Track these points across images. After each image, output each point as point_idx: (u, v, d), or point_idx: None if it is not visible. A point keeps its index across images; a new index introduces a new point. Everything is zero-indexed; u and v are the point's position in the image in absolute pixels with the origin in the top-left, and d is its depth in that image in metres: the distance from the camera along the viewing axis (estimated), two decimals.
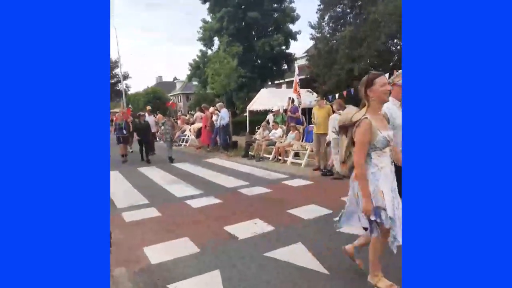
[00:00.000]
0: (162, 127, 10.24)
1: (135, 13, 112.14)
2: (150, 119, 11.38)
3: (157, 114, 16.05)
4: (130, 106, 18.80)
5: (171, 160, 9.30)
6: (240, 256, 3.18)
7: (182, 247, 3.45)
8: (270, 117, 11.02)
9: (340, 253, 2.97)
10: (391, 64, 14.74)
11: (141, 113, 11.05)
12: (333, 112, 6.63)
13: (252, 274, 2.85)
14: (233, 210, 4.66)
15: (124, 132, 9.94)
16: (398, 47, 15.24)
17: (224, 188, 6.04)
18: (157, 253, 3.31)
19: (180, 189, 6.06)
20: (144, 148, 9.69)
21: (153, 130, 11.38)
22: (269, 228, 3.88)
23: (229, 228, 3.91)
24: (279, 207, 4.70)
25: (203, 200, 5.20)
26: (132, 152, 11.24)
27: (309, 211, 4.41)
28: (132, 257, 3.26)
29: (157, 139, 12.92)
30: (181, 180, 6.81)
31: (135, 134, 10.02)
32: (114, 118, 12.65)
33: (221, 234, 3.78)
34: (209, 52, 22.00)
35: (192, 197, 5.43)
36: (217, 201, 5.15)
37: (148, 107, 13.89)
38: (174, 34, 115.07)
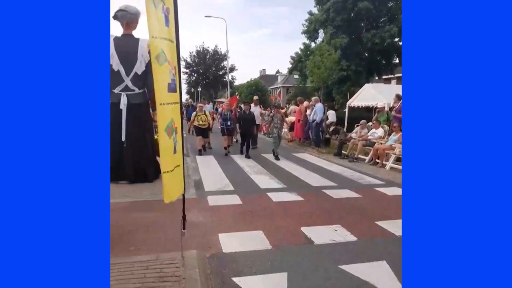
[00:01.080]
0: (270, 119, 8.89)
1: (244, 9, 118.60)
2: (256, 110, 10.30)
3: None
4: (237, 93, 18.37)
5: (277, 157, 8.20)
6: (313, 263, 2.90)
7: (255, 240, 3.36)
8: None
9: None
10: None
11: (246, 103, 9.52)
12: None
13: (320, 286, 2.54)
14: (314, 211, 4.35)
15: (229, 123, 9.09)
16: None
17: (308, 186, 5.74)
18: (231, 242, 3.31)
19: (264, 180, 6.04)
20: (246, 142, 8.63)
21: (257, 122, 10.04)
22: (351, 238, 3.45)
23: (306, 230, 3.64)
24: (367, 216, 4.16)
25: (284, 195, 5.04)
26: (236, 142, 10.58)
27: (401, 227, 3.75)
28: (206, 242, 3.33)
29: (263, 132, 12.64)
30: (267, 171, 6.81)
31: (237, 125, 8.90)
32: (220, 108, 13.25)
33: (297, 234, 3.54)
34: (313, 45, 21.50)
35: (274, 190, 5.33)
36: (298, 198, 4.91)
37: (256, 97, 12.78)
38: (280, 28, 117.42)
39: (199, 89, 46.87)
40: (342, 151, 8.90)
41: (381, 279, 2.62)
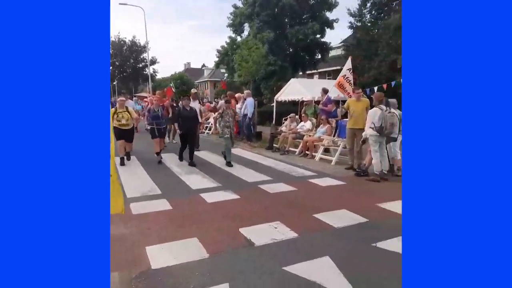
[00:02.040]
0: (219, 117, 6.98)
1: None
2: (196, 105, 8.24)
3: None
4: (171, 85, 14.28)
5: (229, 163, 6.70)
6: (255, 268, 2.64)
7: (190, 249, 2.97)
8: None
9: (377, 276, 2.35)
10: None
11: (185, 97, 7.48)
12: (372, 106, 5.86)
13: None
14: (252, 209, 4.12)
15: (162, 122, 7.30)
16: None
17: (244, 182, 5.50)
18: (161, 255, 2.85)
19: (196, 180, 5.60)
20: (188, 146, 6.90)
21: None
22: (292, 234, 3.31)
23: (245, 231, 3.37)
24: (304, 209, 4.10)
25: (219, 195, 4.70)
26: (175, 143, 9.10)
27: (340, 218, 3.77)
28: (131, 259, 2.81)
29: (203, 132, 11.56)
30: (199, 170, 6.36)
31: (175, 125, 7.20)
32: (145, 104, 11.01)
33: (236, 237, 3.25)
34: (239, 39, 21.42)
35: (208, 190, 4.95)
36: (235, 196, 4.63)
37: (194, 90, 10.88)
38: (204, 21, 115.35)
39: (115, 82, 43.08)
40: (274, 145, 8.93)
41: (328, 278, 2.49)
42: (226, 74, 14.00)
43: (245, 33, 21.57)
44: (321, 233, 3.37)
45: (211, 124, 13.20)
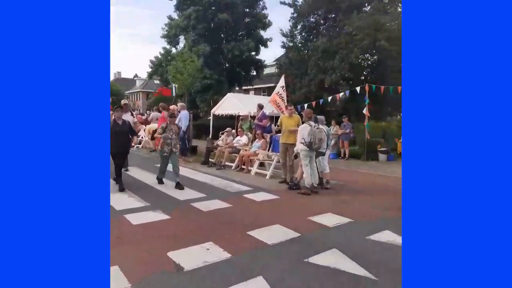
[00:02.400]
0: (162, 132, 6.06)
1: None
2: (128, 118, 6.67)
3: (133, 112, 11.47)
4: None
5: (179, 186, 5.87)
6: None
7: (111, 279, 2.59)
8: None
9: None
10: (362, 78, 14.84)
11: (117, 108, 5.86)
12: (303, 122, 6.10)
13: None
14: (183, 229, 3.85)
15: None
16: (369, 62, 15.42)
17: (175, 200, 5.17)
18: None
19: (121, 199, 5.08)
20: (117, 165, 5.57)
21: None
22: (225, 255, 3.14)
23: (174, 254, 3.10)
24: (239, 227, 3.97)
25: (147, 215, 4.31)
26: None
27: (273, 234, 3.73)
28: None
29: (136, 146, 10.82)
30: (125, 188, 5.79)
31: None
32: None
33: (163, 262, 2.96)
34: (173, 50, 20.94)
35: (134, 210, 4.51)
36: (164, 217, 4.29)
37: (124, 101, 10.00)
38: (137, 30, 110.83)
39: None
40: (209, 159, 8.71)
41: None
42: (173, 84, 13.34)
43: (181, 45, 21.19)
44: (254, 251, 3.27)
45: (142, 137, 12.42)
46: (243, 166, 7.89)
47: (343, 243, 3.47)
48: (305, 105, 9.67)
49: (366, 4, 14.50)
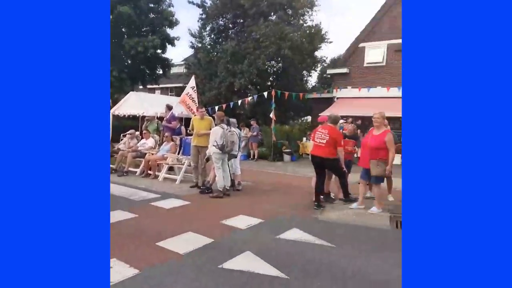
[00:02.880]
0: None
1: None
2: None
3: None
4: None
5: None
6: None
7: None
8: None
9: None
10: (268, 83, 15.61)
11: None
12: (215, 125, 6.05)
13: None
14: None
15: None
16: (275, 69, 16.33)
17: None
18: None
19: None
20: None
21: None
22: (131, 271, 2.82)
23: None
24: (147, 239, 3.65)
25: None
26: None
27: (186, 242, 3.55)
28: None
29: None
30: None
31: None
32: None
33: None
34: None
35: None
36: None
37: None
38: None
39: None
40: (110, 165, 7.85)
41: None
42: None
43: None
44: (166, 263, 3.04)
45: None
46: (149, 172, 7.36)
47: (255, 244, 3.53)
48: (216, 107, 9.65)
49: (272, 14, 15.37)
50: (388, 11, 13.37)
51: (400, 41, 12.79)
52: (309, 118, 19.29)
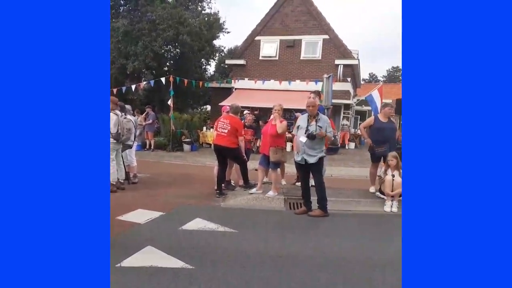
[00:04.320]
0: None
1: None
2: None
3: None
4: None
5: None
6: None
7: None
8: None
9: None
10: (165, 69, 14.74)
11: None
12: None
13: None
14: None
15: None
16: (172, 54, 15.52)
17: None
18: None
19: None
20: None
21: None
22: None
23: None
24: None
25: None
26: None
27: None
28: None
29: None
30: None
31: None
32: None
33: None
34: None
35: None
36: None
37: None
38: None
39: None
40: None
41: None
42: None
43: None
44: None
45: None
46: None
47: (157, 238, 3.38)
48: None
49: None
50: (281, 7, 14.35)
51: (290, 37, 13.99)
52: (208, 107, 19.26)
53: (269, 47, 14.44)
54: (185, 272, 2.69)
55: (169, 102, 10.82)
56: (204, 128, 12.76)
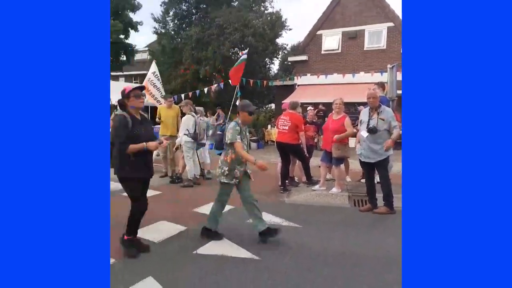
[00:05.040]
0: None
1: None
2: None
3: None
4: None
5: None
6: None
7: None
8: None
9: (202, 284, 2.46)
10: None
11: None
12: (182, 113, 6.08)
13: None
14: None
15: None
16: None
17: None
18: None
19: None
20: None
21: None
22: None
23: None
24: (119, 230, 3.70)
25: None
26: None
27: (159, 231, 3.68)
28: None
29: None
30: None
31: None
32: None
33: None
34: None
35: None
36: None
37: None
38: None
39: None
40: None
41: None
42: None
43: None
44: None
45: None
46: None
47: (228, 229, 3.71)
48: (182, 96, 9.56)
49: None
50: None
51: (352, 28, 13.42)
52: (273, 105, 19.58)
53: (331, 40, 14.10)
54: (253, 262, 2.96)
55: (237, 102, 11.40)
56: (269, 126, 13.11)
